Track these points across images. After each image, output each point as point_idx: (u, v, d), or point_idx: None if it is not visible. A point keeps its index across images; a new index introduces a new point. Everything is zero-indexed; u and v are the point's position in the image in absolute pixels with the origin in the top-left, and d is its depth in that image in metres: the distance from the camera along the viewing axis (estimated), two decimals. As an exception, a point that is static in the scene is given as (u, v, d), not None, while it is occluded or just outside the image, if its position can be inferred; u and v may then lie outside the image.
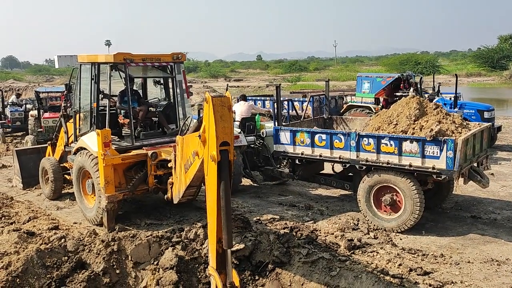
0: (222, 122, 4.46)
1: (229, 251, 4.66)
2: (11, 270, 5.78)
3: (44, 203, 9.69)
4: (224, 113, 4.49)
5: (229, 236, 4.55)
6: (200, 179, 5.75)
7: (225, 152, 4.50)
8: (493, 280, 5.82)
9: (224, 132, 4.47)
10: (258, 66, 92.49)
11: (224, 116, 4.48)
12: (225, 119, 4.48)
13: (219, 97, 4.50)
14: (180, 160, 6.12)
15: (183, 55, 8.59)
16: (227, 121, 4.49)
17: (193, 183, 5.86)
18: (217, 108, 4.45)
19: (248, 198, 9.68)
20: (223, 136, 4.46)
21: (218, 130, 4.44)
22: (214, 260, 4.77)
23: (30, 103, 19.88)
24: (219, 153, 4.45)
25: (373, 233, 7.41)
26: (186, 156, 5.70)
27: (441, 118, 7.64)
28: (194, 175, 5.48)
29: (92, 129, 8.17)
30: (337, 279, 5.81)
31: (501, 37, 62.26)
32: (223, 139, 4.46)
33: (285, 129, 8.76)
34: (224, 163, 4.51)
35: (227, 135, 4.49)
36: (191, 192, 6.34)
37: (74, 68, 9.17)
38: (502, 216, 8.19)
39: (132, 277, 6.13)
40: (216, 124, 4.44)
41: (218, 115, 4.45)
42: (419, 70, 49.03)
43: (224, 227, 4.55)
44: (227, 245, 4.58)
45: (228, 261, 4.69)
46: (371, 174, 7.73)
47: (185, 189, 6.06)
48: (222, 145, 4.47)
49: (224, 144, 4.48)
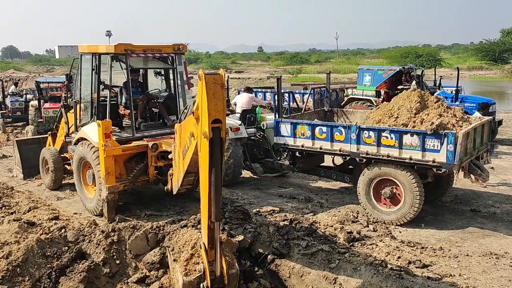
0: (214, 100, 4.48)
1: (217, 225, 4.72)
2: (12, 259, 5.79)
3: (44, 193, 9.71)
4: (217, 91, 4.50)
5: (217, 210, 4.60)
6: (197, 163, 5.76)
7: (217, 130, 4.54)
8: (492, 273, 5.84)
9: (216, 110, 4.50)
10: (259, 58, 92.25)
11: (217, 93, 4.50)
12: (217, 96, 4.50)
13: (212, 75, 4.50)
14: (178, 148, 6.17)
15: (184, 46, 8.56)
16: (219, 98, 4.51)
17: (191, 169, 5.89)
18: (209, 85, 4.46)
19: (248, 190, 9.69)
20: (215, 114, 4.49)
21: (210, 107, 4.47)
22: (205, 235, 4.83)
23: (31, 93, 19.86)
24: (211, 130, 4.49)
25: (372, 226, 7.43)
26: (184, 142, 5.75)
27: (442, 112, 7.63)
28: (190, 159, 5.53)
29: (93, 119, 8.17)
30: (336, 271, 5.84)
31: (504, 31, 61.97)
32: (215, 116, 4.49)
33: (285, 121, 8.76)
34: (216, 140, 4.54)
35: (219, 113, 4.51)
36: (190, 181, 6.35)
37: (75, 59, 9.15)
38: (501, 210, 8.20)
39: (132, 267, 6.15)
40: (209, 101, 4.46)
41: (210, 92, 4.47)
42: (420, 63, 48.88)
43: (212, 200, 4.59)
44: (215, 218, 4.63)
45: (216, 235, 4.74)
46: (371, 167, 7.73)
47: (184, 176, 6.09)
48: (214, 122, 4.50)
49: (216, 121, 4.52)
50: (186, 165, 5.73)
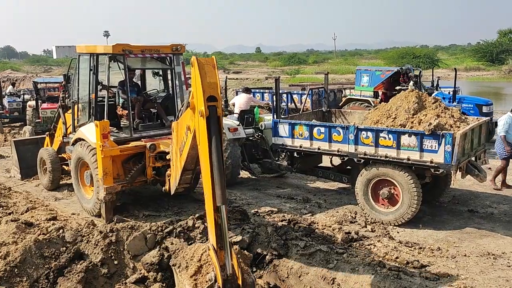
0: (208, 78, 4.65)
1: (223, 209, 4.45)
2: (9, 260, 5.79)
3: (42, 194, 9.69)
4: (209, 70, 4.69)
5: (223, 191, 4.39)
6: (194, 160, 5.77)
7: (213, 108, 4.61)
8: (489, 273, 5.85)
9: (210, 87, 4.63)
10: (257, 59, 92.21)
11: (210, 72, 4.68)
12: (210, 75, 4.68)
13: (204, 58, 4.75)
14: (175, 146, 6.15)
15: (182, 46, 8.55)
16: (213, 77, 4.68)
17: (188, 165, 5.89)
18: (202, 66, 4.66)
19: (246, 190, 9.69)
20: (209, 91, 4.61)
21: (204, 85, 4.60)
22: (213, 233, 4.56)
23: (28, 94, 19.83)
24: (207, 108, 4.56)
25: (370, 226, 7.44)
26: (181, 138, 5.74)
27: (439, 112, 7.65)
28: (187, 155, 5.52)
29: (91, 120, 8.16)
30: (334, 271, 5.85)
31: (501, 32, 62.09)
32: (210, 93, 4.60)
33: (283, 122, 8.76)
34: (213, 118, 4.59)
35: (213, 90, 4.64)
36: (187, 179, 6.35)
37: (73, 59, 9.14)
38: (498, 210, 8.22)
39: (130, 268, 6.15)
40: (203, 80, 4.61)
41: (203, 71, 4.65)
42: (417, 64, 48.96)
43: (216, 182, 4.41)
44: (221, 200, 4.39)
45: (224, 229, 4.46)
46: (369, 167, 7.74)
47: (181, 174, 6.07)
48: (210, 100, 4.59)
49: (212, 100, 4.61)
50: (183, 161, 5.73)
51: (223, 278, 4.39)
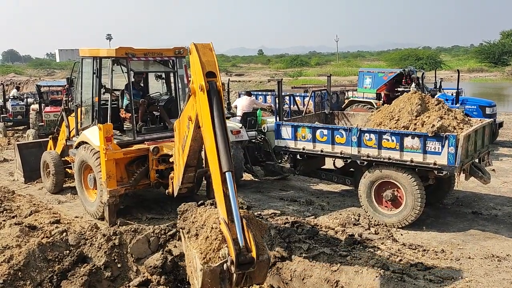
0: (205, 57, 4.99)
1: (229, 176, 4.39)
2: (13, 263, 5.80)
3: (45, 197, 9.71)
4: (207, 52, 5.05)
5: (228, 158, 4.47)
6: (197, 154, 5.94)
7: (213, 83, 4.88)
8: (494, 276, 5.82)
9: (208, 63, 4.96)
10: (260, 61, 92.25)
11: (207, 53, 5.03)
12: (208, 55, 5.03)
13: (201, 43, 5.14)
14: (178, 144, 6.19)
15: (185, 49, 8.57)
16: (210, 56, 5.03)
17: (190, 161, 5.97)
18: (199, 49, 5.03)
19: (249, 193, 9.69)
20: (208, 66, 4.92)
21: (203, 62, 4.92)
22: (223, 206, 4.36)
23: (32, 97, 19.89)
24: (207, 82, 4.82)
25: (374, 229, 7.42)
26: (183, 133, 5.80)
27: (442, 114, 7.62)
28: (190, 148, 5.63)
29: (94, 123, 8.18)
30: (337, 274, 5.83)
31: (504, 33, 61.97)
32: (208, 68, 4.90)
33: (286, 124, 8.76)
34: (213, 92, 4.83)
35: (211, 66, 4.95)
36: (190, 177, 6.36)
37: (76, 62, 9.17)
38: (503, 212, 8.19)
39: (134, 271, 6.16)
40: (200, 58, 4.95)
41: (201, 52, 5.01)
42: (420, 65, 48.89)
43: (221, 150, 4.49)
44: (227, 167, 4.41)
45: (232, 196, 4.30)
46: (372, 169, 7.73)
47: (184, 172, 6.10)
48: (209, 76, 4.86)
49: (211, 75, 4.88)
50: (186, 156, 5.78)
51: (236, 253, 4.09)
